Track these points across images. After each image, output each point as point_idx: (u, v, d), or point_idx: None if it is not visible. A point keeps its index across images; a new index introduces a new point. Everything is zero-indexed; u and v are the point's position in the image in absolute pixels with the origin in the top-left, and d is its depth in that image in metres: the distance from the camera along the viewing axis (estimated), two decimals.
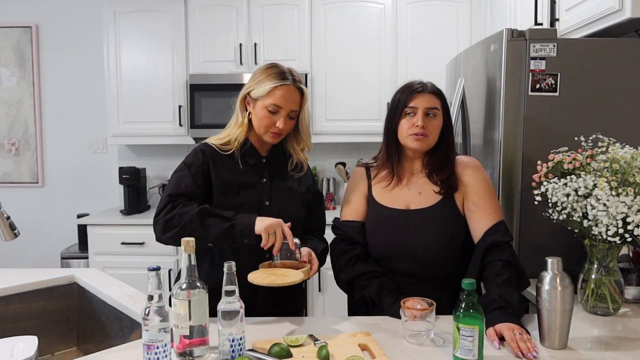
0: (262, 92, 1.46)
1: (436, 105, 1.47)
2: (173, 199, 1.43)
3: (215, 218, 1.38)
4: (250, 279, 1.29)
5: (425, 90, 1.47)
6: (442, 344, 1.23)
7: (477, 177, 1.49)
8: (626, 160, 1.40)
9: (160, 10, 3.35)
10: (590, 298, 1.45)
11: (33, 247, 3.76)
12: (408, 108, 1.47)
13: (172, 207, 1.41)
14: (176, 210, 1.39)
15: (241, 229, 1.35)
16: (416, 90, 1.47)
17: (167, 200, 1.43)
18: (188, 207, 1.39)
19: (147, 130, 3.41)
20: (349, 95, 3.33)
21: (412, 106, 1.46)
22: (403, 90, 1.50)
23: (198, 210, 1.38)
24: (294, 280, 1.28)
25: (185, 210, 1.39)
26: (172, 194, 1.44)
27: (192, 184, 1.46)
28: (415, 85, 1.48)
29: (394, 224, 1.50)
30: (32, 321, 1.71)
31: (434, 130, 1.47)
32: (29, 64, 3.75)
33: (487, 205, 1.46)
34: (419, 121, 1.44)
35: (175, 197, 1.43)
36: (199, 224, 1.36)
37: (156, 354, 1.07)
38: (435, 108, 1.47)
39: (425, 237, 1.46)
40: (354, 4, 3.30)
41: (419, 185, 1.52)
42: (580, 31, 1.92)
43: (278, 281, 1.28)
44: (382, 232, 1.51)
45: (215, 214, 1.39)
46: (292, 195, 1.57)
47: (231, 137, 1.52)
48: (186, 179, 1.46)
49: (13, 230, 1.50)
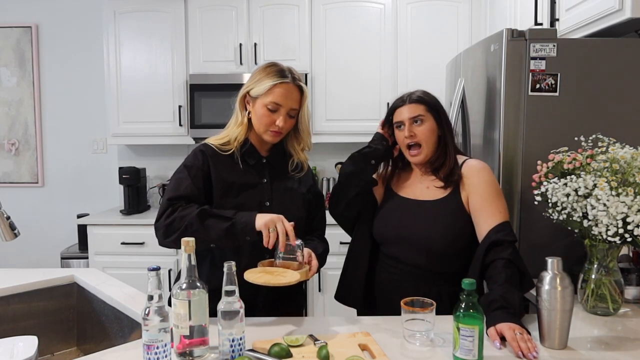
0: (262, 90, 1.46)
1: (419, 112, 1.53)
2: (172, 202, 1.42)
3: (215, 218, 1.37)
4: (246, 277, 1.28)
5: (405, 103, 1.55)
6: (442, 344, 1.23)
7: (483, 179, 1.51)
8: (626, 160, 1.40)
9: (160, 10, 3.35)
10: (590, 298, 1.45)
11: (33, 247, 3.76)
12: (396, 123, 1.57)
13: (172, 210, 1.40)
14: (176, 213, 1.39)
15: (242, 227, 1.35)
16: (396, 106, 1.57)
17: (167, 205, 1.42)
18: (188, 210, 1.39)
19: (147, 130, 3.41)
20: (349, 95, 3.33)
21: (397, 120, 1.56)
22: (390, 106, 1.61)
23: (198, 212, 1.37)
24: (289, 281, 1.27)
25: (185, 213, 1.38)
26: (171, 198, 1.44)
27: (191, 186, 1.45)
28: (398, 100, 1.58)
29: (403, 211, 1.55)
30: (32, 321, 1.71)
31: (423, 136, 1.52)
32: (29, 64, 3.75)
33: (492, 207, 1.47)
34: (406, 132, 1.53)
35: (174, 200, 1.43)
36: (200, 226, 1.36)
37: (156, 354, 1.07)
38: (419, 115, 1.53)
39: (432, 227, 1.50)
40: (354, 4, 3.30)
41: (426, 181, 1.58)
42: (580, 31, 1.92)
43: (272, 281, 1.27)
44: (391, 217, 1.56)
45: (215, 215, 1.38)
46: (293, 196, 1.56)
47: (231, 137, 1.51)
48: (185, 181, 1.46)
49: (13, 230, 1.50)
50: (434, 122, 1.53)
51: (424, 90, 1.58)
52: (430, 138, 1.53)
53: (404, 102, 1.55)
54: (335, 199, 1.65)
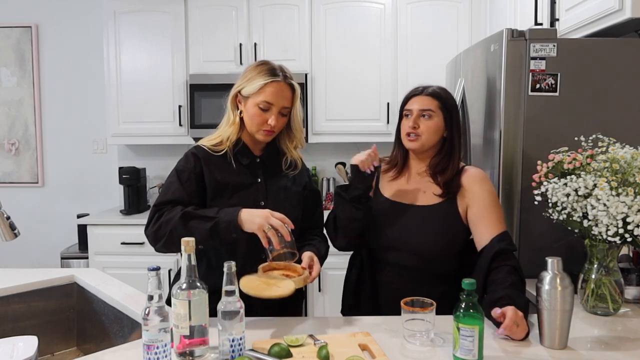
0: (253, 89, 1.45)
1: (431, 107, 1.50)
2: (159, 208, 1.42)
3: (198, 219, 1.36)
4: (241, 285, 1.25)
5: (421, 93, 1.52)
6: (442, 344, 1.23)
7: (484, 189, 1.51)
8: (626, 160, 1.40)
9: (160, 10, 3.35)
10: (590, 298, 1.45)
11: (33, 247, 3.76)
12: (405, 110, 1.54)
13: (159, 216, 1.40)
14: (162, 218, 1.39)
15: (225, 225, 1.34)
16: (414, 93, 1.54)
17: (154, 211, 1.42)
18: (172, 214, 1.38)
19: (147, 130, 3.41)
20: (349, 95, 3.33)
21: (408, 108, 1.53)
22: (407, 93, 1.57)
23: (180, 214, 1.36)
24: (282, 293, 1.26)
25: (169, 217, 1.38)
26: (157, 204, 1.44)
27: (180, 190, 1.44)
28: (417, 88, 1.55)
29: (396, 217, 1.52)
30: (32, 321, 1.71)
31: (426, 130, 1.50)
32: (29, 64, 3.75)
33: (493, 216, 1.47)
34: (410, 122, 1.50)
35: (160, 206, 1.43)
36: (184, 229, 1.34)
37: (156, 354, 1.07)
38: (430, 110, 1.50)
39: (424, 233, 1.49)
40: (354, 4, 3.30)
41: (423, 184, 1.55)
42: (580, 31, 1.92)
43: (265, 293, 1.26)
44: (384, 223, 1.53)
45: (198, 216, 1.37)
46: (288, 195, 1.56)
47: (223, 137, 1.51)
48: (173, 185, 1.46)
49: (13, 230, 1.50)
50: (442, 121, 1.51)
51: (444, 88, 1.56)
52: (433, 135, 1.51)
53: (420, 93, 1.53)
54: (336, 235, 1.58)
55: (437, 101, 1.51)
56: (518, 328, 1.22)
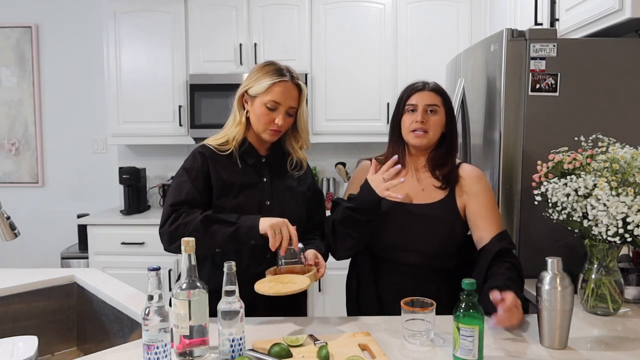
0: (261, 89, 1.45)
1: (436, 102, 1.50)
2: (175, 208, 1.42)
3: (219, 224, 1.37)
4: (257, 289, 1.28)
5: (426, 89, 1.52)
6: (442, 344, 1.23)
7: (483, 187, 1.52)
8: (626, 160, 1.40)
9: (160, 10, 3.35)
10: (590, 298, 1.45)
11: (33, 247, 3.76)
12: (409, 105, 1.52)
13: (176, 217, 1.40)
14: (180, 220, 1.39)
15: (246, 231, 1.35)
16: (417, 88, 1.53)
17: (170, 211, 1.42)
18: (191, 216, 1.39)
19: (147, 130, 3.41)
20: (349, 95, 3.33)
21: (412, 103, 1.51)
22: (406, 88, 1.56)
23: (202, 218, 1.37)
24: (300, 287, 1.27)
25: (189, 219, 1.38)
26: (173, 204, 1.43)
27: (192, 190, 1.45)
28: (418, 83, 1.54)
29: (395, 216, 1.52)
30: (32, 321, 1.71)
31: (433, 126, 1.50)
32: (29, 64, 3.75)
33: (492, 215, 1.49)
34: (418, 117, 1.49)
35: (176, 206, 1.43)
36: (205, 232, 1.36)
37: (156, 354, 1.07)
38: (435, 105, 1.50)
39: (424, 231, 1.49)
40: (354, 4, 3.30)
41: (422, 181, 1.55)
42: (580, 31, 1.92)
43: (284, 290, 1.27)
44: (384, 223, 1.52)
45: (219, 220, 1.38)
46: (293, 195, 1.56)
47: (229, 137, 1.51)
48: (186, 185, 1.46)
49: (13, 230, 1.50)
50: (444, 117, 1.52)
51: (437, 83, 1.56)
52: (438, 131, 1.52)
53: (424, 88, 1.52)
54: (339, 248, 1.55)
55: (440, 97, 1.52)
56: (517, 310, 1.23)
